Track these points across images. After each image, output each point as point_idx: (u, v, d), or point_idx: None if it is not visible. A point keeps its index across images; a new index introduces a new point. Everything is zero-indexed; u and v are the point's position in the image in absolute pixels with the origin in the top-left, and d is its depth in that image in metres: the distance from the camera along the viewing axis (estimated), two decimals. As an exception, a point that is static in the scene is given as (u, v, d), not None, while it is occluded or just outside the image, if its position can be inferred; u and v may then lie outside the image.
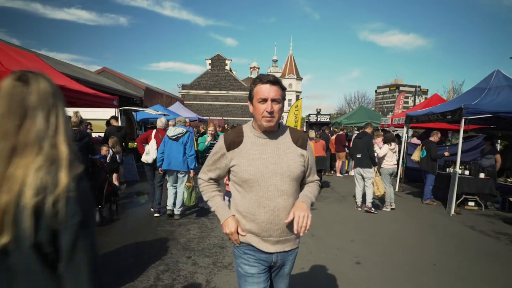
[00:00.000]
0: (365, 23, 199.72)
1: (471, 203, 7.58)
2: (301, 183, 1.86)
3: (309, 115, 24.16)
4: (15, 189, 0.93)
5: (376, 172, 6.86)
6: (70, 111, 5.42)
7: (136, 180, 9.50)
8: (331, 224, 5.84)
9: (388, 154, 7.19)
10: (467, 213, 7.14)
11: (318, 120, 22.47)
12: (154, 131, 6.30)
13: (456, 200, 7.23)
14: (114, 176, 7.27)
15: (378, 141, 9.26)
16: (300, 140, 1.79)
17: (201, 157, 6.87)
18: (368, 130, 7.16)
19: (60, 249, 0.96)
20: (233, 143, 1.75)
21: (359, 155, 6.88)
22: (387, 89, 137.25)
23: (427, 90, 76.71)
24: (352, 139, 8.09)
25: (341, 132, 12.92)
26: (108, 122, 8.99)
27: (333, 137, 12.78)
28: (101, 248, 4.30)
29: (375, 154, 7.05)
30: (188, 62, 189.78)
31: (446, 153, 7.88)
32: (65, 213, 0.95)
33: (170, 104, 26.80)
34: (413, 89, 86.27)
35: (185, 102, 41.33)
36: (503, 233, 5.72)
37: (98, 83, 19.41)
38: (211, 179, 1.88)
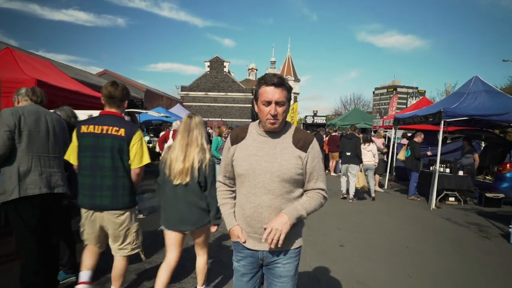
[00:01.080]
0: (363, 24, 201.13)
1: (452, 198, 8.27)
2: (303, 188, 1.85)
3: (306, 116, 24.89)
4: (190, 160, 2.73)
5: (360, 168, 7.91)
6: (86, 114, 6.05)
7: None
8: (321, 216, 6.49)
9: (363, 152, 8.22)
10: (447, 207, 7.82)
11: (315, 122, 23.21)
12: (171, 131, 7.07)
13: (438, 195, 7.92)
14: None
15: (379, 141, 10.15)
16: (301, 142, 1.76)
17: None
18: (355, 132, 8.14)
19: (206, 184, 2.73)
20: (237, 138, 1.84)
21: (348, 153, 7.88)
22: (385, 90, 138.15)
23: (425, 91, 77.40)
24: (341, 140, 8.93)
25: (334, 133, 13.58)
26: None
27: (327, 138, 13.44)
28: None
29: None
30: (186, 63, 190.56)
31: (429, 153, 8.57)
32: (208, 170, 2.75)
33: (170, 106, 27.45)
34: (410, 91, 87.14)
35: (184, 103, 41.93)
36: (474, 223, 6.40)
37: (100, 85, 20.06)
38: (225, 177, 1.95)
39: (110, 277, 2.88)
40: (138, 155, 2.74)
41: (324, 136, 14.31)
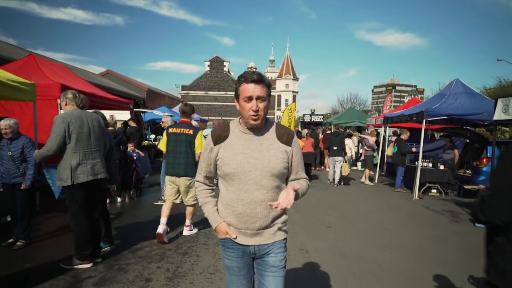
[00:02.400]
0: (362, 22, 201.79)
1: (434, 190, 9.08)
2: (287, 180, 1.92)
3: (304, 115, 25.68)
4: None
5: (345, 158, 9.84)
6: (106, 114, 6.82)
7: (150, 173, 10.91)
8: (314, 204, 7.30)
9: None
10: (429, 198, 8.64)
11: (312, 120, 24.01)
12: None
13: (421, 187, 8.73)
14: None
15: (372, 139, 11.21)
16: (285, 137, 1.83)
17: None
18: (339, 130, 10.56)
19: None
20: (219, 138, 1.83)
21: (335, 148, 9.74)
22: (384, 88, 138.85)
23: (423, 89, 78.10)
24: (328, 137, 10.57)
25: (329, 131, 14.38)
26: (126, 123, 10.37)
27: (322, 136, 14.24)
28: (136, 217, 5.74)
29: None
30: (185, 62, 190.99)
31: (413, 149, 9.36)
32: None
33: (172, 105, 28.21)
34: (409, 89, 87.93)
35: (184, 102, 42.74)
36: (449, 211, 7.21)
37: (104, 85, 20.75)
38: (205, 177, 1.95)
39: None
40: (199, 145, 4.59)
41: (320, 134, 15.12)
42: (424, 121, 8.42)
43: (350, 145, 11.39)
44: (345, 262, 4.15)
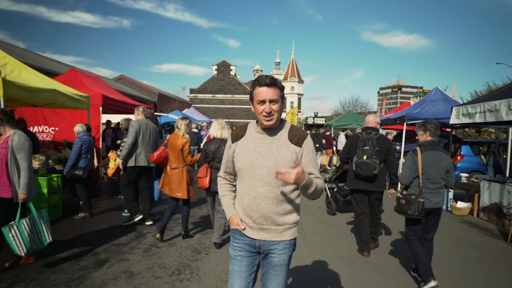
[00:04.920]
0: (368, 23, 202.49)
1: (416, 184, 10.49)
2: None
3: (307, 117, 27.13)
4: None
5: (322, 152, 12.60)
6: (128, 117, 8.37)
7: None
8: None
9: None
10: (410, 190, 10.03)
11: (315, 122, 25.46)
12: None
13: (404, 181, 10.15)
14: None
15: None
16: (296, 138, 1.89)
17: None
18: (317, 131, 13.37)
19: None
20: (237, 136, 1.97)
21: (317, 145, 12.15)
22: (390, 90, 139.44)
23: (430, 91, 78.93)
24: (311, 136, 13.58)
25: (328, 133, 15.84)
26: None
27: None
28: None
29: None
30: (191, 64, 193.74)
31: (397, 147, 10.78)
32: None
33: (182, 108, 29.87)
34: (415, 90, 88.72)
35: (193, 105, 44.45)
36: (423, 199, 8.62)
37: (119, 90, 22.49)
38: (225, 173, 2.09)
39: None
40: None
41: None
42: (405, 123, 9.85)
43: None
44: (302, 236, 5.62)
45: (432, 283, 3.30)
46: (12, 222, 3.39)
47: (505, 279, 3.86)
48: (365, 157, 4.32)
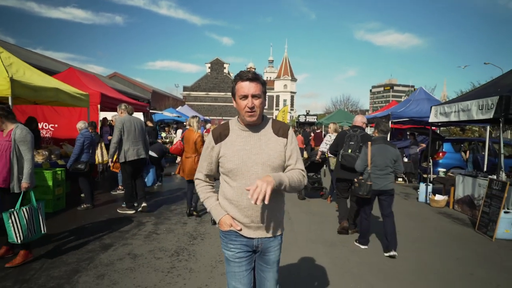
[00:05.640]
0: (361, 22, 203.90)
1: (400, 179, 11.05)
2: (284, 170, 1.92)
3: (299, 116, 27.67)
4: None
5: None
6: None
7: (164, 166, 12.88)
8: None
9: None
10: (395, 185, 10.52)
11: (307, 120, 26.01)
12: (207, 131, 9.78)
13: (389, 176, 10.68)
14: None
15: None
16: (281, 130, 1.91)
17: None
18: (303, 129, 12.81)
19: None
20: (220, 136, 1.89)
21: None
22: (382, 88, 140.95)
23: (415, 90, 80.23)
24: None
25: (318, 131, 16.35)
26: (144, 123, 12.30)
27: (312, 134, 16.22)
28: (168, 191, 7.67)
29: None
30: (185, 61, 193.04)
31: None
32: None
33: (175, 106, 30.16)
34: (407, 89, 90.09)
35: (186, 102, 44.69)
36: (405, 192, 9.17)
37: (113, 87, 22.68)
38: (206, 175, 1.98)
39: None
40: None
41: (311, 133, 17.09)
42: (390, 122, 10.37)
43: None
44: (291, 230, 6.09)
45: (363, 247, 4.62)
46: (12, 209, 3.47)
47: (466, 258, 4.37)
48: (349, 150, 5.10)
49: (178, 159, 12.21)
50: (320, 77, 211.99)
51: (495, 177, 5.75)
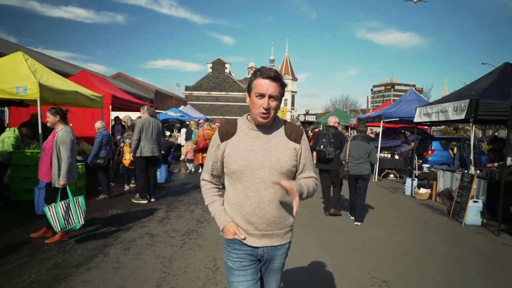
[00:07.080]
0: (362, 21, 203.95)
1: (391, 175, 11.76)
2: (295, 178, 1.83)
3: (299, 115, 28.41)
4: None
5: None
6: (133, 116, 9.46)
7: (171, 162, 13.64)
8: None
9: None
10: (386, 181, 11.30)
11: (306, 119, 26.77)
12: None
13: (381, 173, 11.40)
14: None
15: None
16: (294, 134, 1.79)
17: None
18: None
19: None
20: (226, 134, 1.77)
21: None
22: (383, 88, 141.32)
23: (422, 89, 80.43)
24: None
25: (316, 130, 17.06)
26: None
27: (311, 133, 16.93)
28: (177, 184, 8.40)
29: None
30: (186, 60, 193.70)
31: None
32: None
33: (178, 105, 30.91)
34: (408, 88, 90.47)
35: (188, 102, 45.46)
36: (394, 187, 9.89)
37: (118, 87, 23.42)
38: (212, 176, 1.87)
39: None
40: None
41: (310, 131, 17.80)
42: (381, 121, 11.10)
43: None
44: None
45: (352, 218, 5.94)
46: (50, 204, 3.99)
47: (433, 239, 5.09)
48: (321, 146, 6.06)
49: (182, 157, 13.13)
50: (321, 77, 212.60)
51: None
